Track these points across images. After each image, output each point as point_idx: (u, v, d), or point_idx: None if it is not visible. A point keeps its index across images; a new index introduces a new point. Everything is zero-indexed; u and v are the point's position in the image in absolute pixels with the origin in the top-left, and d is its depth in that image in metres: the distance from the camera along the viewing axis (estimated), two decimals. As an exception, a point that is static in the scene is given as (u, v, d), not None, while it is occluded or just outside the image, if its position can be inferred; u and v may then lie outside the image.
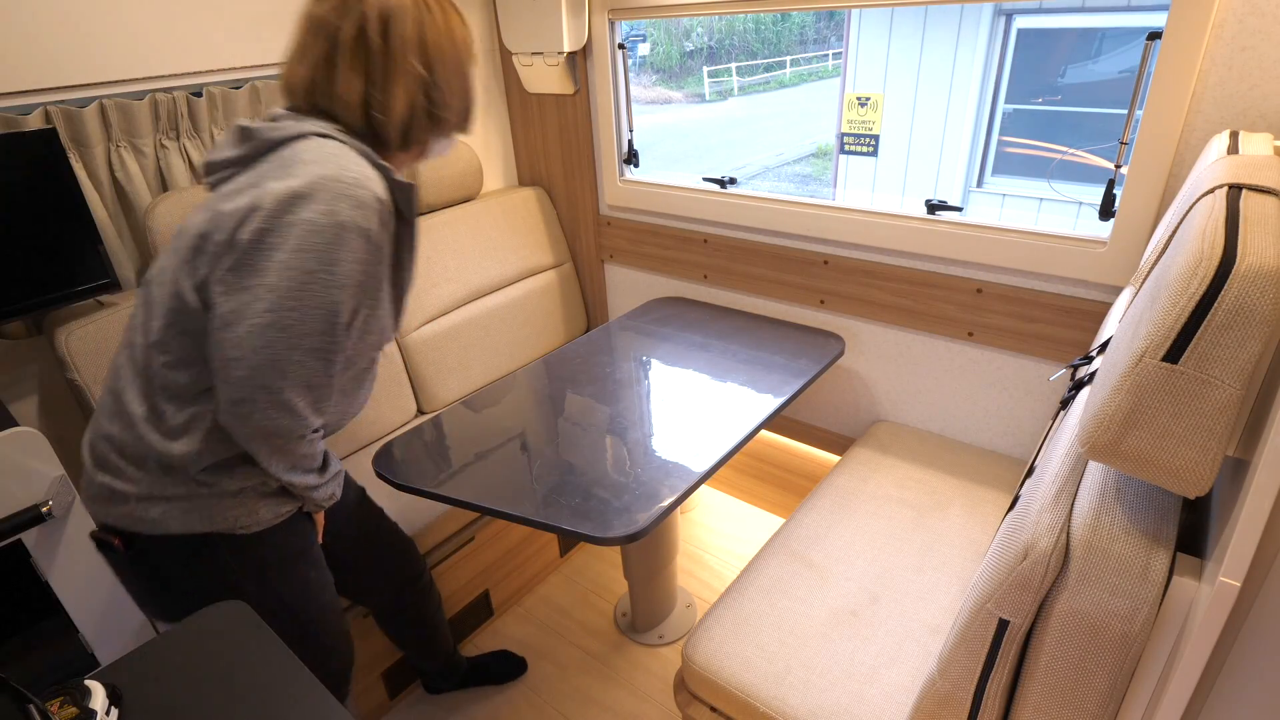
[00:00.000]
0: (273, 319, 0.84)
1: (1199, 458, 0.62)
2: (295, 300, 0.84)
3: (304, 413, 0.91)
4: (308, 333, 0.86)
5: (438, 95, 0.97)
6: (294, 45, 0.95)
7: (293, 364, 0.87)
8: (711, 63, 14.35)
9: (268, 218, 0.84)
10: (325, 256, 0.84)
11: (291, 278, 0.84)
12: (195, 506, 0.97)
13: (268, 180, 0.86)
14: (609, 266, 2.28)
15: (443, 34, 0.96)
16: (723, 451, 1.30)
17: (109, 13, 1.43)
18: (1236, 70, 1.14)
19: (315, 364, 0.89)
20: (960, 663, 0.81)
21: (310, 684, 0.83)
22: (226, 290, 0.86)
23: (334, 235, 0.85)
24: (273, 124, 0.92)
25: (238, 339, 0.85)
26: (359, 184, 0.86)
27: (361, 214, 0.86)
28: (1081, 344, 1.46)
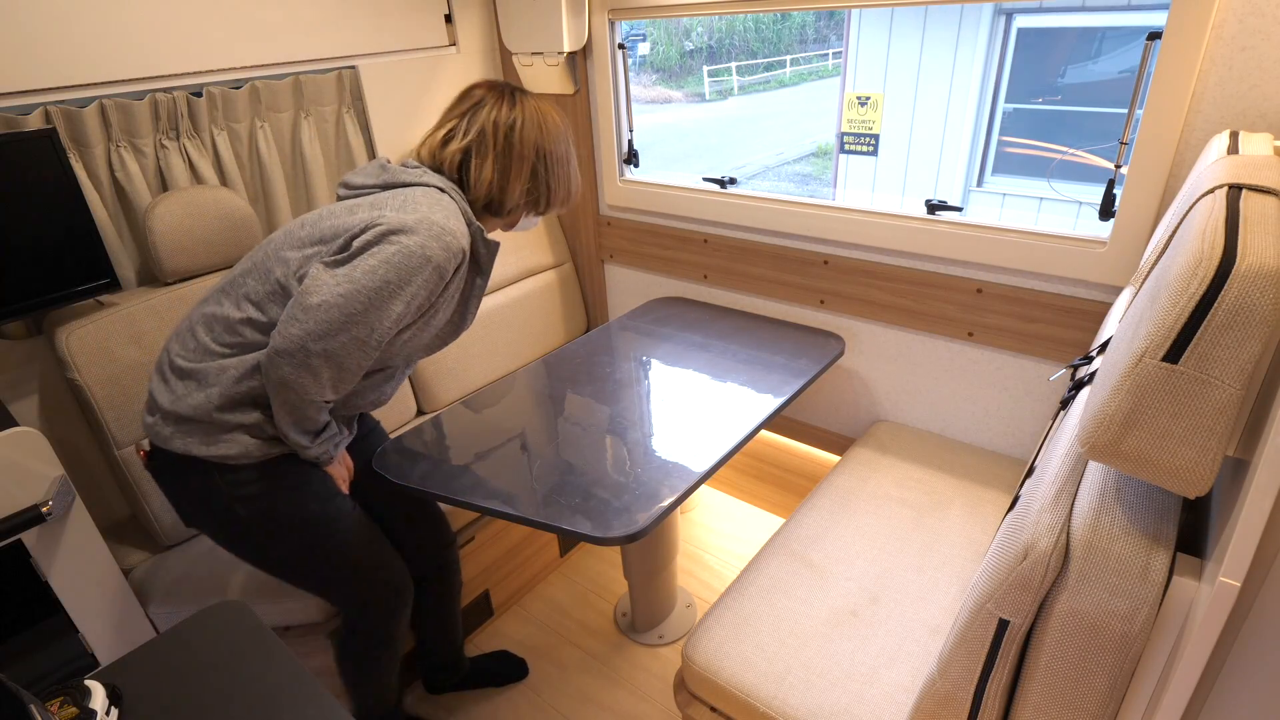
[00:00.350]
0: (343, 302, 1.03)
1: (1199, 458, 0.62)
2: (366, 297, 1.03)
3: (325, 383, 1.08)
4: (360, 324, 1.04)
5: (544, 188, 1.23)
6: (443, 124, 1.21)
7: (337, 342, 1.04)
8: (711, 62, 14.35)
9: (377, 235, 1.04)
10: (404, 276, 1.04)
11: (372, 280, 1.03)
12: (195, 431, 1.12)
13: (388, 208, 1.08)
14: (609, 266, 2.28)
15: (555, 138, 1.22)
16: (723, 451, 1.30)
17: (109, 13, 1.43)
18: (1236, 70, 1.14)
19: (354, 350, 1.06)
20: (960, 663, 0.81)
21: (310, 684, 0.83)
22: (321, 269, 1.05)
23: (418, 263, 1.05)
24: (406, 169, 1.15)
25: (308, 305, 1.03)
26: (451, 233, 1.08)
27: (445, 255, 1.07)
28: (1081, 344, 1.46)
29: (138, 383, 1.44)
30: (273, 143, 1.74)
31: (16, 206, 1.28)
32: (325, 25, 1.76)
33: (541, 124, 1.21)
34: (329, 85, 1.80)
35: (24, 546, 1.16)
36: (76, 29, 1.40)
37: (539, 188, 1.23)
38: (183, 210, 1.48)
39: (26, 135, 1.26)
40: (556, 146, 1.23)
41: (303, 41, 1.73)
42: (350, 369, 1.08)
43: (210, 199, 1.52)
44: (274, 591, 1.39)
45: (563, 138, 1.24)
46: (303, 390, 1.07)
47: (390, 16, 1.88)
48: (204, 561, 1.47)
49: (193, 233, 1.49)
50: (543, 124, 1.21)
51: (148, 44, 1.49)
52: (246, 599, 1.38)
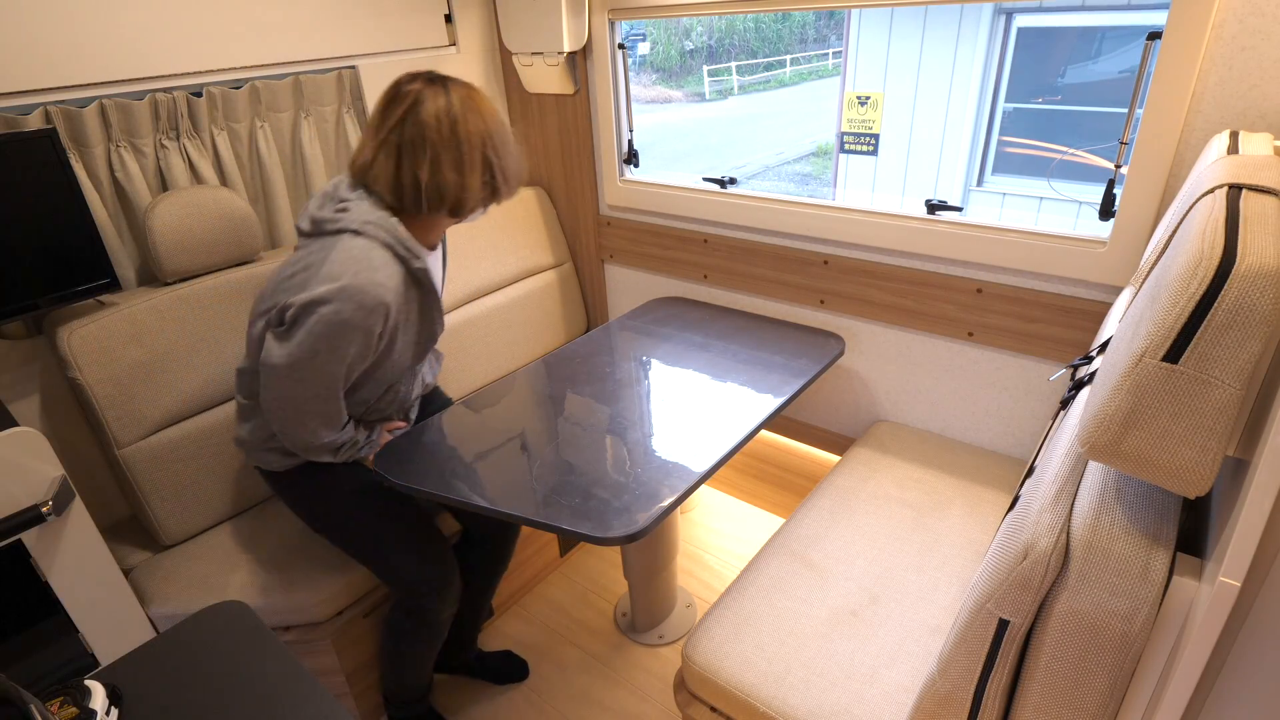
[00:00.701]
0: (289, 370, 1.15)
1: (1199, 458, 0.62)
2: (305, 364, 1.14)
3: (314, 427, 1.23)
4: (311, 383, 1.17)
5: (500, 175, 1.23)
6: (362, 140, 1.20)
7: (302, 399, 1.18)
8: (711, 62, 14.35)
9: (302, 308, 1.12)
10: (331, 343, 1.13)
11: (305, 350, 1.13)
12: (255, 448, 1.33)
13: (315, 273, 1.13)
14: (609, 266, 2.28)
15: (494, 118, 1.20)
16: (723, 451, 1.30)
17: (109, 13, 1.43)
18: (1236, 70, 1.14)
19: (319, 403, 1.20)
20: (960, 663, 0.81)
21: (310, 684, 0.83)
22: (271, 340, 1.17)
23: (339, 329, 1.12)
24: (342, 205, 1.18)
25: (268, 372, 1.17)
26: (367, 292, 1.12)
27: (363, 315, 1.13)
28: (1081, 344, 1.46)
29: (138, 383, 1.44)
30: (273, 143, 1.74)
31: (16, 206, 1.28)
32: (325, 25, 1.76)
33: (479, 109, 1.18)
34: (329, 85, 1.80)
35: (24, 546, 1.16)
36: (76, 29, 1.40)
37: (495, 177, 1.22)
38: (183, 210, 1.48)
39: (26, 135, 1.26)
40: (500, 128, 1.21)
41: (303, 41, 1.73)
42: (329, 413, 1.22)
43: (210, 199, 1.52)
44: (274, 591, 1.40)
45: (498, 116, 1.21)
46: (299, 437, 1.23)
47: (390, 16, 1.88)
48: (204, 561, 1.47)
49: (193, 233, 1.49)
50: (480, 108, 1.18)
51: (148, 44, 1.49)
52: (246, 599, 1.38)
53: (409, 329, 1.26)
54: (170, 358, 1.48)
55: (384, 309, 1.15)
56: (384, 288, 1.14)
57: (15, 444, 1.12)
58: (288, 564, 1.45)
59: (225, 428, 1.57)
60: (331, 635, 1.43)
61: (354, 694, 1.53)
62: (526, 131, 2.25)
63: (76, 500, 1.21)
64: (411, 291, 1.23)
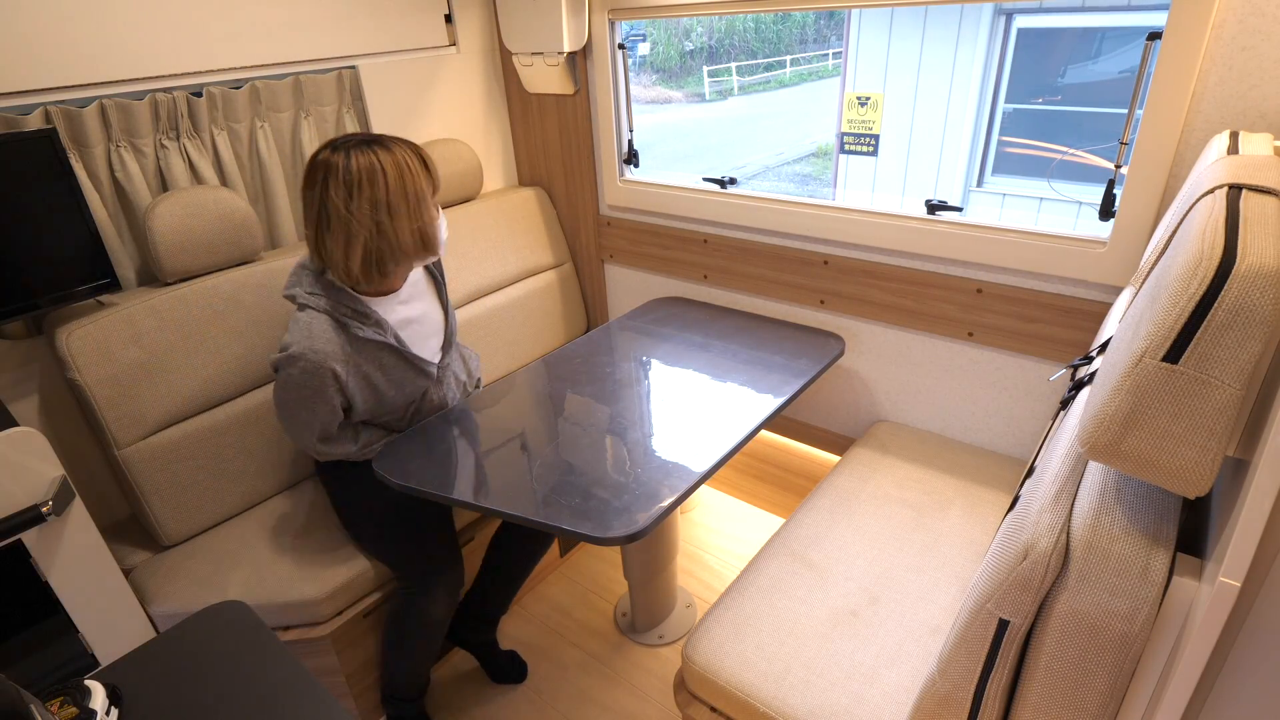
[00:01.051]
0: (279, 412, 1.37)
1: (1199, 458, 0.62)
2: (285, 410, 1.35)
3: (316, 446, 1.40)
4: (300, 426, 1.37)
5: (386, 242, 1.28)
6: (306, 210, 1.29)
7: (300, 435, 1.38)
8: (711, 62, 14.35)
9: (272, 366, 1.31)
10: (290, 394, 1.31)
11: (280, 399, 1.34)
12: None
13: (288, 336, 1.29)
14: (609, 266, 2.28)
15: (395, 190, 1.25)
16: (723, 451, 1.30)
17: (109, 13, 1.43)
18: (1236, 70, 1.14)
19: (309, 435, 1.37)
20: (960, 663, 0.81)
21: (310, 684, 0.83)
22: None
23: (295, 386, 1.29)
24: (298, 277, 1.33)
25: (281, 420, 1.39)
26: (308, 358, 1.26)
27: (309, 377, 1.28)
28: (1081, 344, 1.46)
29: (138, 383, 1.44)
30: (273, 143, 1.74)
31: (16, 206, 1.28)
32: (325, 25, 1.76)
33: (387, 170, 1.23)
34: (329, 85, 1.80)
35: (24, 546, 1.16)
36: (76, 29, 1.40)
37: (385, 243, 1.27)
38: (183, 210, 1.48)
39: (26, 135, 1.26)
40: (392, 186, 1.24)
41: (303, 41, 1.73)
42: (324, 435, 1.39)
43: (210, 199, 1.52)
44: (274, 591, 1.40)
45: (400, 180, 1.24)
46: (307, 448, 1.41)
47: (390, 16, 1.88)
48: (204, 561, 1.47)
49: (193, 233, 1.49)
50: (387, 170, 1.23)
51: (148, 44, 1.49)
52: (246, 599, 1.38)
53: (381, 372, 1.38)
54: (170, 358, 1.48)
55: (327, 372, 1.29)
56: (323, 354, 1.27)
57: (15, 444, 1.12)
58: (288, 564, 1.45)
59: (225, 428, 1.57)
60: (331, 635, 1.43)
61: (354, 694, 1.53)
62: (526, 131, 2.25)
63: (76, 500, 1.21)
64: (366, 350, 1.35)
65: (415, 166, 1.27)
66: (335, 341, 1.29)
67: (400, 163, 1.25)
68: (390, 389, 1.40)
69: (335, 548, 1.49)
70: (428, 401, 1.49)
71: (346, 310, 1.31)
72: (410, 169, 1.26)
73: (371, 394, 1.39)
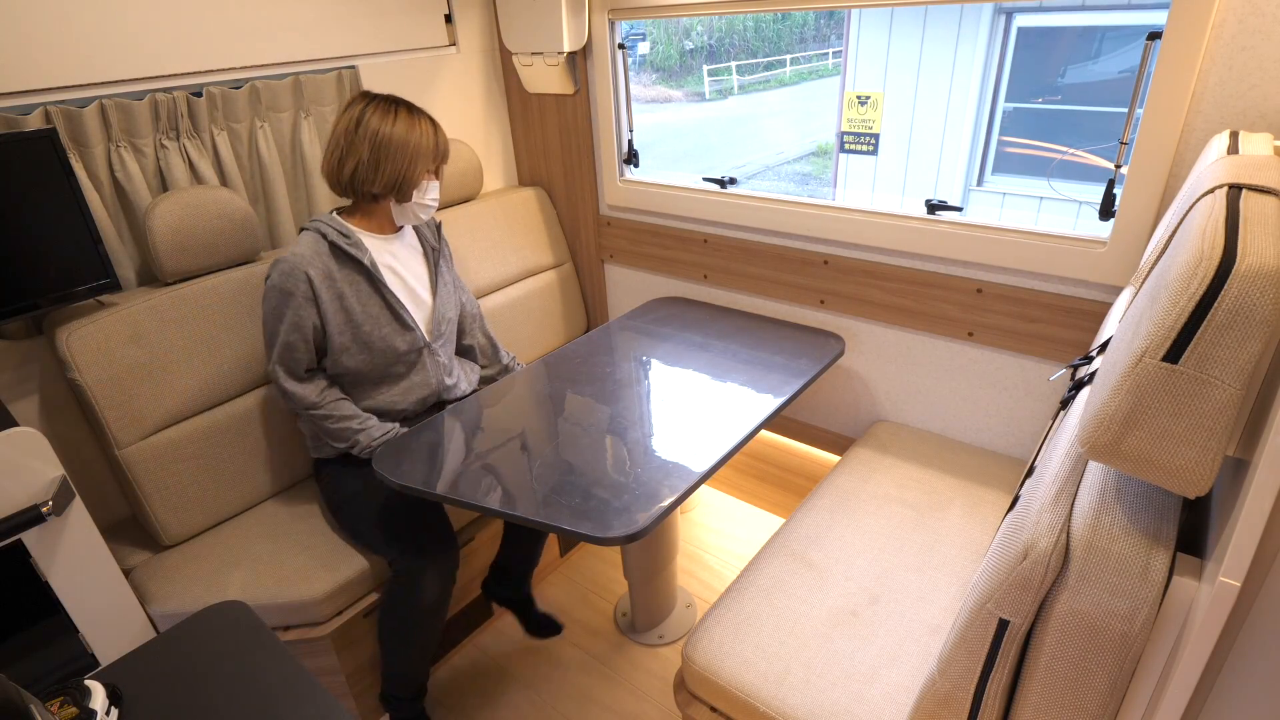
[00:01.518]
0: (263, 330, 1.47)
1: (1199, 458, 0.62)
2: (266, 324, 1.45)
3: (279, 374, 1.45)
4: (274, 340, 1.43)
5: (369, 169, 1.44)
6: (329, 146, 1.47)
7: (271, 354, 1.45)
8: (711, 61, 14.34)
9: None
10: (267, 307, 1.43)
11: (264, 310, 1.45)
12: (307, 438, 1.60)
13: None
14: (609, 266, 2.28)
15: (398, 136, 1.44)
16: (723, 451, 1.30)
17: (109, 13, 1.43)
18: (1236, 70, 1.14)
19: (281, 354, 1.43)
20: (960, 663, 0.81)
21: (310, 684, 0.83)
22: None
23: (273, 295, 1.41)
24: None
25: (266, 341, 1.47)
26: (292, 262, 1.40)
27: (284, 279, 1.40)
28: (1081, 344, 1.46)
29: (138, 383, 1.44)
30: (273, 143, 1.74)
31: (16, 206, 1.28)
32: (325, 25, 1.76)
33: (384, 115, 1.43)
34: (329, 85, 1.80)
35: (24, 546, 1.16)
36: (76, 29, 1.40)
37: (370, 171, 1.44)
38: (183, 210, 1.48)
39: (26, 135, 1.26)
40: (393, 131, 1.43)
41: (303, 41, 1.73)
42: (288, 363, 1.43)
43: (210, 199, 1.52)
44: (274, 591, 1.40)
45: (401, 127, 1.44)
46: (272, 378, 1.45)
47: (390, 16, 1.88)
48: (204, 561, 1.48)
49: (193, 233, 1.49)
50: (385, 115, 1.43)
51: (148, 44, 1.49)
52: (246, 599, 1.38)
53: (358, 300, 1.46)
54: (170, 358, 1.48)
55: (301, 275, 1.39)
56: (300, 257, 1.40)
57: (15, 444, 1.12)
58: (288, 564, 1.45)
59: (225, 428, 1.57)
60: (331, 635, 1.43)
61: (354, 694, 1.53)
62: (526, 131, 2.25)
63: (76, 500, 1.21)
64: (345, 269, 1.45)
65: (425, 129, 1.47)
66: (316, 251, 1.43)
67: (413, 121, 1.45)
68: (366, 321, 1.47)
69: (335, 548, 1.50)
70: (415, 379, 1.56)
71: (334, 230, 1.45)
72: (419, 129, 1.46)
73: (346, 321, 1.45)
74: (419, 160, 1.47)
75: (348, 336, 1.46)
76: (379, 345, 1.49)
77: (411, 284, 1.57)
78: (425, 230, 1.64)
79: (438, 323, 1.59)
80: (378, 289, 1.49)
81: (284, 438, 1.67)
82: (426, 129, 1.47)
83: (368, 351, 1.48)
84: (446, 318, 1.61)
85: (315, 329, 1.43)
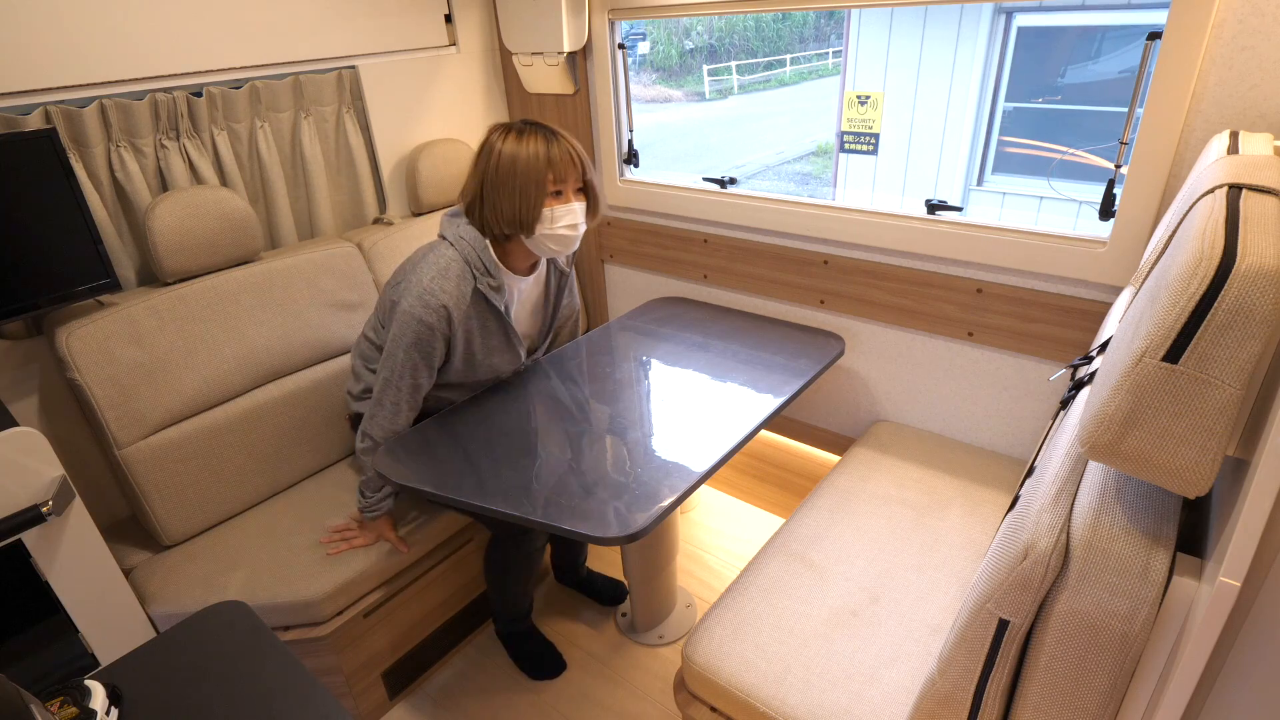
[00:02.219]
0: (388, 351, 1.40)
1: (1199, 458, 0.62)
2: (393, 352, 1.39)
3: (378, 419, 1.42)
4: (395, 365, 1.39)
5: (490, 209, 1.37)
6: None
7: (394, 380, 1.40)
8: (711, 61, 14.34)
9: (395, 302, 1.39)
10: (400, 332, 1.37)
11: (393, 336, 1.39)
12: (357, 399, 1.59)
13: (407, 274, 1.40)
14: (609, 266, 2.28)
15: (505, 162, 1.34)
16: (723, 451, 1.30)
17: (109, 13, 1.43)
18: (1236, 70, 1.14)
19: (392, 395, 1.41)
20: (960, 663, 0.81)
21: (310, 684, 0.83)
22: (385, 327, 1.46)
23: (406, 322, 1.36)
24: (449, 220, 1.44)
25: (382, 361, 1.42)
26: (433, 294, 1.34)
27: (426, 312, 1.35)
28: (1081, 344, 1.46)
29: (138, 383, 1.44)
30: (273, 143, 1.75)
31: (16, 206, 1.28)
32: (325, 25, 1.76)
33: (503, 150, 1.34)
34: (329, 85, 1.80)
35: (24, 546, 1.16)
36: (76, 29, 1.40)
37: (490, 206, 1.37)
38: (183, 210, 1.48)
39: (26, 135, 1.26)
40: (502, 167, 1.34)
41: (303, 41, 1.73)
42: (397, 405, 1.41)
43: (210, 199, 1.52)
44: (274, 591, 1.40)
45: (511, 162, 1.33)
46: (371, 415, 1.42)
47: (390, 16, 1.88)
48: (204, 561, 1.48)
49: (193, 233, 1.49)
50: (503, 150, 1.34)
51: (148, 44, 1.49)
52: (246, 599, 1.38)
53: (482, 335, 1.45)
54: (170, 358, 1.48)
55: (442, 310, 1.35)
56: (446, 293, 1.35)
57: (15, 444, 1.12)
58: (288, 564, 1.45)
59: (225, 428, 1.57)
60: (331, 635, 1.43)
61: (354, 694, 1.53)
62: (526, 131, 2.25)
63: (76, 500, 1.21)
64: (479, 307, 1.42)
65: (534, 146, 1.33)
66: (460, 289, 1.37)
67: (521, 141, 1.34)
68: (482, 351, 1.47)
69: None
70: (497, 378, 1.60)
71: (483, 269, 1.39)
72: (527, 146, 1.33)
73: (466, 350, 1.45)
74: (530, 184, 1.33)
75: (461, 361, 1.46)
76: (484, 367, 1.50)
77: (531, 312, 1.59)
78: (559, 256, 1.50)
79: (535, 349, 1.66)
80: (504, 327, 1.47)
81: (284, 438, 1.67)
82: (536, 145, 1.33)
83: (473, 373, 1.50)
84: (547, 341, 1.67)
85: (440, 357, 1.42)
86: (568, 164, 1.35)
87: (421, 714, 1.65)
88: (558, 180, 1.35)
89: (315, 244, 1.77)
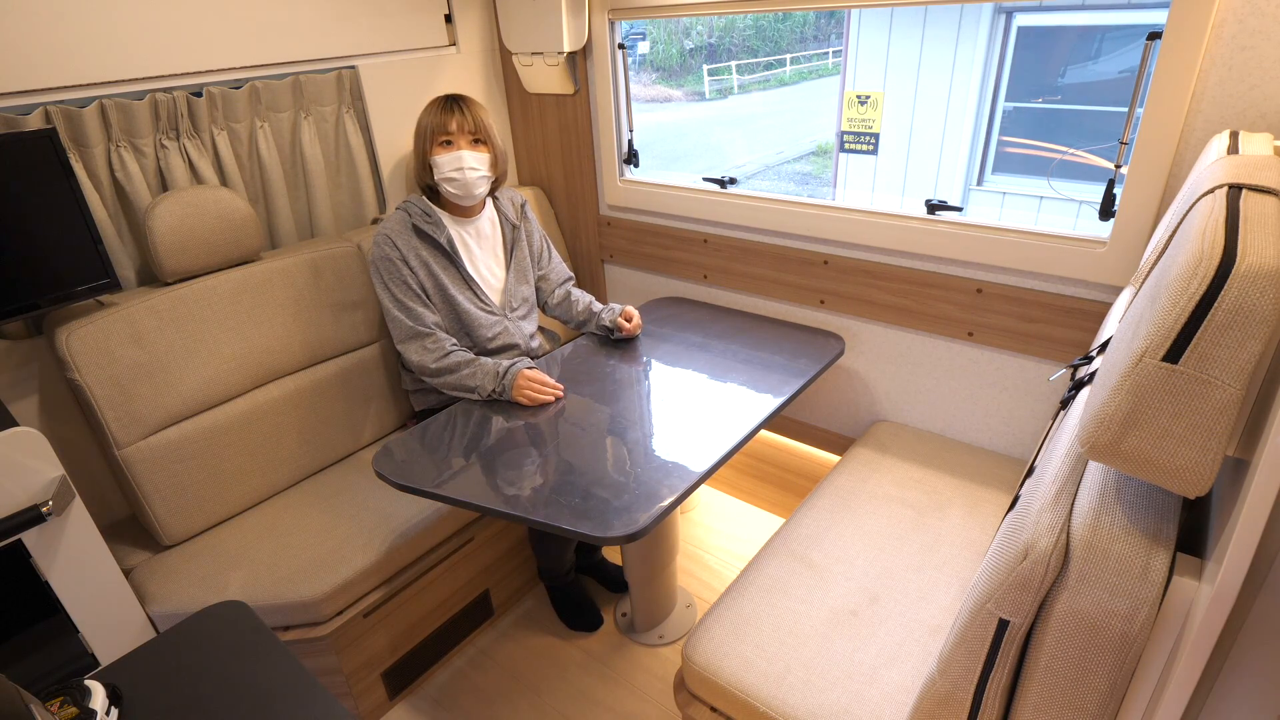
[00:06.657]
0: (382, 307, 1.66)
1: (1199, 458, 0.62)
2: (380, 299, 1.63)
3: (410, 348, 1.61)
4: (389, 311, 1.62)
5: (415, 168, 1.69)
6: None
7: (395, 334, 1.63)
8: (711, 61, 14.34)
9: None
10: (374, 279, 1.63)
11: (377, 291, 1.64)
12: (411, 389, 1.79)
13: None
14: (609, 266, 2.27)
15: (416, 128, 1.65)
16: (723, 451, 1.30)
17: (109, 13, 1.43)
18: (1236, 70, 1.14)
19: (399, 329, 1.61)
20: (960, 663, 0.81)
21: (310, 684, 0.83)
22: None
23: (373, 266, 1.63)
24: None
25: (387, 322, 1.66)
26: (380, 234, 1.62)
27: (378, 248, 1.61)
28: (1081, 344, 1.46)
29: (138, 383, 1.44)
30: (273, 143, 1.74)
31: (16, 206, 1.28)
32: (325, 25, 1.76)
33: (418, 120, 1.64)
34: (329, 85, 1.80)
35: (24, 546, 1.16)
36: (76, 29, 1.40)
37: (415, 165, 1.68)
38: (183, 210, 1.48)
39: (26, 135, 1.26)
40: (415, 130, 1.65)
41: (303, 41, 1.73)
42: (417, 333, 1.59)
43: (210, 199, 1.52)
44: (274, 591, 1.40)
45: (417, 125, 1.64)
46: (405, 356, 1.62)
47: (390, 16, 1.88)
48: (204, 561, 1.48)
49: (193, 233, 1.49)
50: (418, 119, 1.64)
51: (148, 44, 1.49)
52: (246, 599, 1.38)
53: (442, 270, 1.63)
54: (170, 358, 1.48)
55: (388, 242, 1.59)
56: (387, 227, 1.61)
57: (15, 444, 1.12)
58: (288, 564, 1.45)
59: (225, 428, 1.57)
60: (331, 635, 1.43)
61: (354, 694, 1.53)
62: (526, 131, 2.25)
63: (76, 500, 1.21)
64: (426, 245, 1.62)
65: (431, 106, 1.61)
66: (402, 225, 1.61)
67: (425, 114, 1.61)
68: (451, 286, 1.64)
69: (335, 547, 1.50)
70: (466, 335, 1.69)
71: (418, 210, 1.64)
72: (427, 109, 1.61)
73: (435, 286, 1.62)
74: (422, 138, 1.61)
75: (438, 299, 1.63)
76: (464, 312, 1.65)
77: (488, 262, 1.73)
78: (507, 208, 1.77)
79: (510, 296, 1.74)
80: (455, 264, 1.65)
81: (284, 438, 1.67)
82: (433, 108, 1.60)
83: (457, 319, 1.65)
84: (521, 295, 1.77)
85: (415, 283, 1.59)
86: (454, 117, 1.59)
87: (421, 714, 1.65)
88: (443, 131, 1.59)
89: (315, 244, 1.77)
